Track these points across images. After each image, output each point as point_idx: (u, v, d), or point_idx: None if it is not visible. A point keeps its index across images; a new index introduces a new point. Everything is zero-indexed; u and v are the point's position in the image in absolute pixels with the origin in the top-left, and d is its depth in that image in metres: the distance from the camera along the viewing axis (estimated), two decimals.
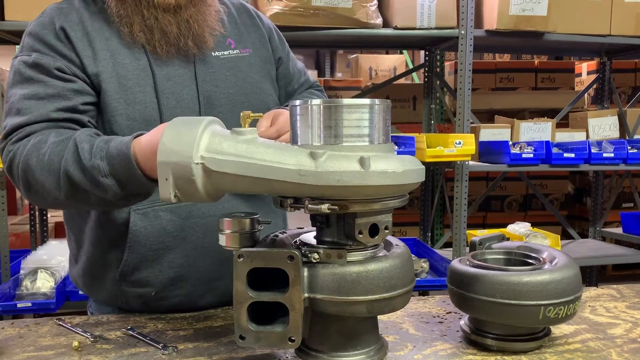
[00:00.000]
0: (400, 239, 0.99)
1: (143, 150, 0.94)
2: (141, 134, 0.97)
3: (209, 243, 1.20)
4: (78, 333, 1.09)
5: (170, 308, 1.22)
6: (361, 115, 0.84)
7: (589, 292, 1.32)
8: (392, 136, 2.31)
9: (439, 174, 3.71)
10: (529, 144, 3.26)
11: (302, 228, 1.03)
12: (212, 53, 1.23)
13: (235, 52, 1.26)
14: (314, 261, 0.86)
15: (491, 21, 2.99)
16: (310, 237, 0.94)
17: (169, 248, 1.18)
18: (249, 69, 1.28)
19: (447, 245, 3.47)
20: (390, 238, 0.96)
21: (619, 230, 3.76)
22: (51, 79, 1.10)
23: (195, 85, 1.19)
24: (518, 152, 3.15)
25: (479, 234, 1.25)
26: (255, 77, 1.28)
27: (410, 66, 5.03)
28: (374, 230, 0.87)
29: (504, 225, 3.35)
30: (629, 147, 3.25)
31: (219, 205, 1.18)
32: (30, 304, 2.43)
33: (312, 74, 5.45)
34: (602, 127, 3.68)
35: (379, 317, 0.96)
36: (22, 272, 2.56)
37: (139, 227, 1.16)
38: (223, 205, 1.19)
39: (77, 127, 1.09)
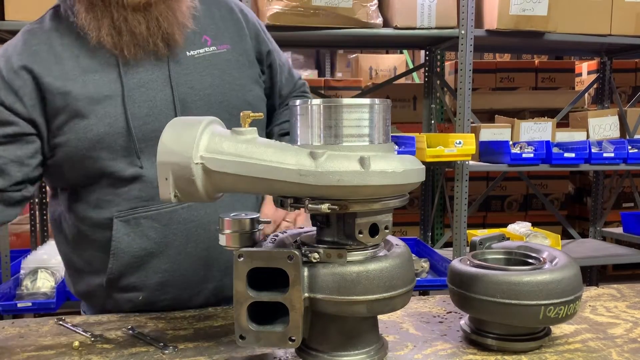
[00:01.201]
0: (401, 239, 0.99)
1: None
2: None
3: (192, 248, 1.21)
4: (78, 333, 1.09)
5: (163, 310, 1.22)
6: (361, 115, 0.84)
7: (589, 292, 1.32)
8: (392, 136, 2.31)
9: (439, 174, 3.71)
10: (529, 143, 3.25)
11: (302, 228, 1.03)
12: (187, 52, 1.18)
13: (211, 49, 1.21)
14: (314, 261, 0.86)
15: (491, 21, 2.99)
16: (310, 237, 0.94)
17: (152, 254, 1.20)
18: (226, 66, 1.23)
19: (447, 245, 3.47)
20: (390, 238, 0.96)
21: (619, 230, 3.75)
22: None
23: (170, 89, 1.15)
24: (518, 152, 3.15)
25: (479, 234, 1.25)
26: (234, 74, 1.23)
27: (411, 66, 5.03)
28: (374, 230, 0.87)
29: (504, 225, 3.35)
30: (629, 147, 3.25)
31: (200, 210, 1.20)
32: (30, 304, 2.43)
33: (312, 74, 5.43)
34: (603, 126, 3.68)
35: (379, 317, 0.96)
36: (22, 271, 2.56)
37: (122, 235, 1.17)
38: (205, 210, 1.20)
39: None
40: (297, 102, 0.87)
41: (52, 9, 1.19)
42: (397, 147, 2.78)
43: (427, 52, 3.62)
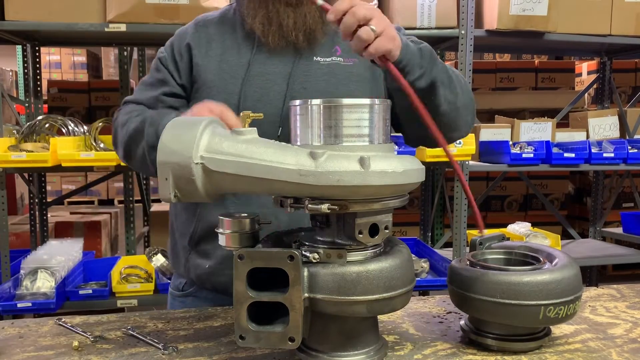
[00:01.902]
0: (400, 239, 0.99)
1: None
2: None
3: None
4: (78, 333, 1.09)
5: (219, 287, 1.29)
6: (361, 115, 0.84)
7: (589, 292, 1.32)
8: (392, 136, 2.30)
9: (439, 174, 3.71)
10: (529, 143, 3.25)
11: (302, 228, 1.03)
12: (314, 57, 1.27)
13: (337, 59, 1.28)
14: (314, 261, 0.86)
15: (491, 21, 2.99)
16: (310, 237, 0.94)
17: None
18: (346, 78, 1.27)
19: (447, 245, 3.47)
20: (390, 238, 0.96)
21: (619, 230, 3.75)
22: (154, 70, 1.35)
23: (286, 84, 1.24)
24: (518, 152, 3.15)
25: (479, 234, 1.25)
26: (351, 86, 1.27)
27: None
28: (374, 230, 0.87)
29: (504, 225, 3.35)
30: (629, 147, 3.25)
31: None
32: (30, 304, 2.44)
33: None
34: (602, 127, 3.68)
35: (379, 317, 0.96)
36: (22, 272, 2.56)
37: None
38: None
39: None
40: (297, 102, 0.88)
41: (227, 6, 1.39)
42: (397, 147, 2.78)
43: None
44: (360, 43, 0.97)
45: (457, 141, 2.83)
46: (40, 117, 2.92)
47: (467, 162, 2.97)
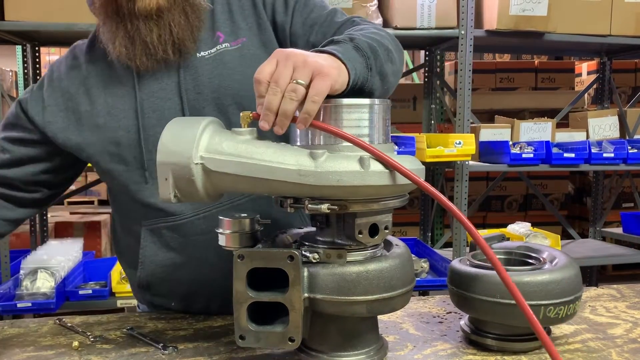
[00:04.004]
0: (400, 239, 0.99)
1: None
2: None
3: (215, 259, 1.14)
4: (78, 333, 1.09)
5: (196, 312, 1.22)
6: (361, 115, 0.84)
7: (589, 292, 1.32)
8: (392, 136, 2.31)
9: (439, 174, 3.71)
10: (529, 144, 3.25)
11: (302, 228, 1.03)
12: (197, 54, 1.13)
13: (223, 46, 1.14)
14: (314, 261, 0.86)
15: (491, 21, 2.99)
16: (310, 237, 0.94)
17: (177, 265, 1.17)
18: (239, 63, 1.14)
19: (447, 245, 3.46)
20: (390, 238, 0.96)
21: (619, 230, 3.75)
22: (13, 107, 1.18)
23: (179, 97, 1.12)
24: (518, 152, 3.15)
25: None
26: (247, 71, 1.10)
27: (410, 66, 5.03)
28: (373, 230, 0.87)
29: (504, 225, 3.35)
30: (629, 147, 3.25)
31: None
32: (30, 304, 2.44)
33: None
34: (602, 127, 3.68)
35: (379, 317, 0.96)
36: (22, 272, 2.56)
37: (149, 243, 1.17)
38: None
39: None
40: None
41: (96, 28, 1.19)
42: (397, 147, 2.78)
43: (427, 53, 3.62)
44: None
45: (457, 141, 2.83)
46: None
47: (467, 162, 2.97)
